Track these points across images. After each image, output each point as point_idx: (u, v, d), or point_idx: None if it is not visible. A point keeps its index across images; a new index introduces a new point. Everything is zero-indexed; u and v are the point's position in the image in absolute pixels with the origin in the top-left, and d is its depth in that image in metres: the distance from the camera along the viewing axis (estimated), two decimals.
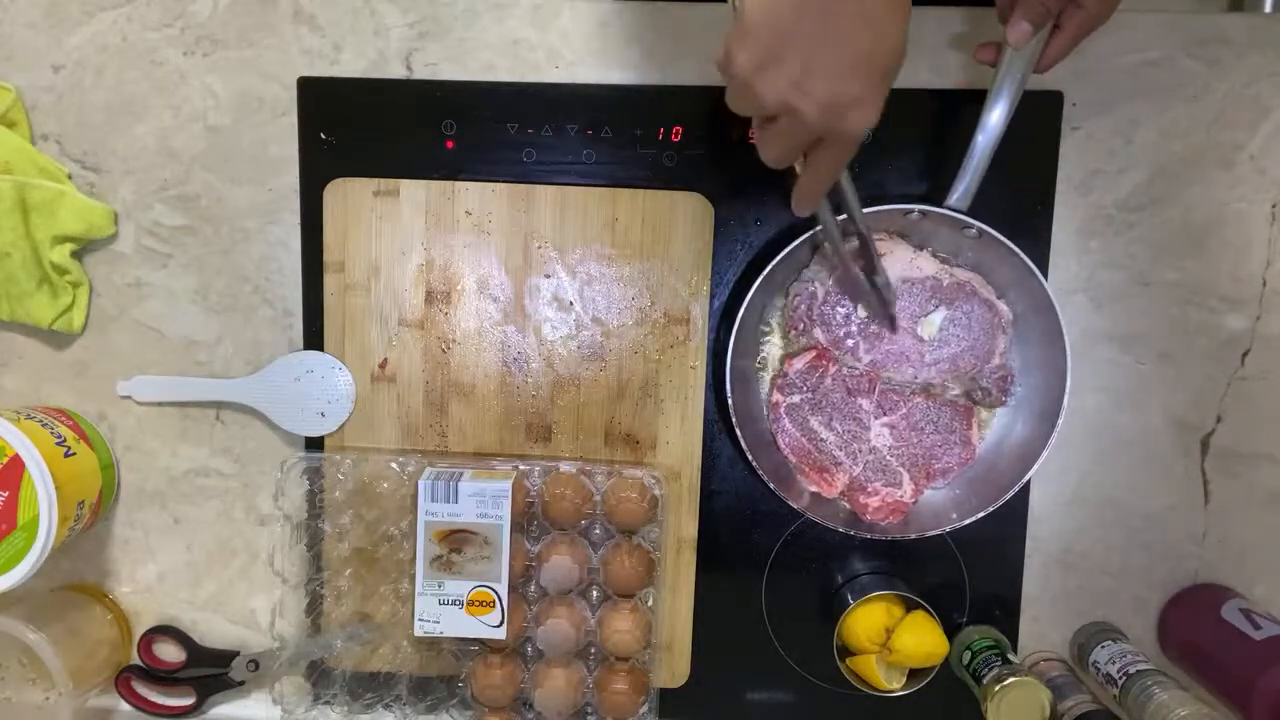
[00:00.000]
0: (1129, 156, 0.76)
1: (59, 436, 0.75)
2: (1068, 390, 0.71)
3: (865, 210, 0.67)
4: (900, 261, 0.74)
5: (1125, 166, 0.76)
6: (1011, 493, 0.72)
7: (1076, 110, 0.76)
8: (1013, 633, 0.80)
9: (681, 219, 0.77)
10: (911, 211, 0.71)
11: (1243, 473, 0.78)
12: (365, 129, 0.78)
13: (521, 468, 0.78)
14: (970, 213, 0.70)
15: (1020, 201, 0.70)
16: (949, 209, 0.70)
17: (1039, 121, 0.76)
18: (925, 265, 0.75)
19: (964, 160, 0.69)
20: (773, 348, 0.78)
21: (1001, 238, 0.70)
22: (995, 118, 0.68)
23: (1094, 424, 0.78)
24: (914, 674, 0.76)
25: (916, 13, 0.73)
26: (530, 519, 0.78)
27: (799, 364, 0.76)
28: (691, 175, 0.77)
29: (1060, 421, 0.71)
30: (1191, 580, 0.79)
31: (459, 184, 0.78)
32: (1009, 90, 0.67)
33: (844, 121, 0.47)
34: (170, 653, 0.83)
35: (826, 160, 0.53)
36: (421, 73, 0.78)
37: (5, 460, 0.70)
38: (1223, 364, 0.78)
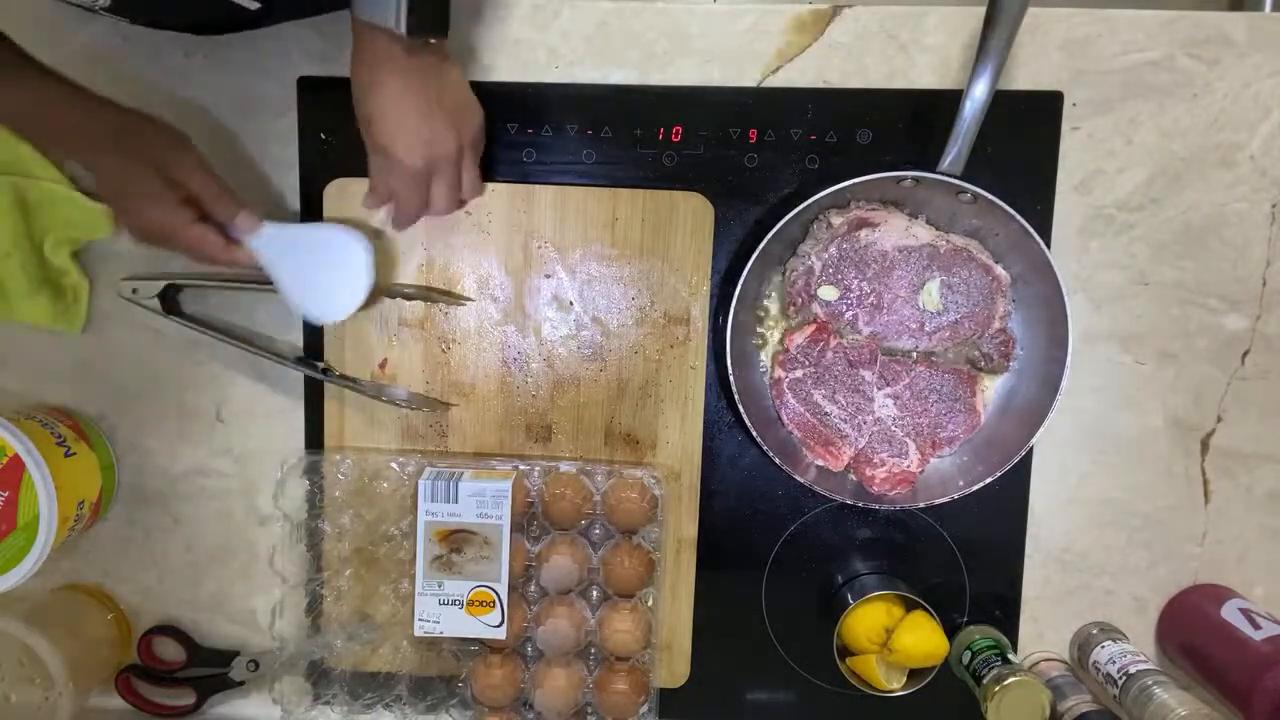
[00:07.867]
0: (1129, 156, 0.76)
1: (59, 436, 0.75)
2: (1070, 350, 0.70)
3: (858, 180, 0.69)
4: (895, 230, 0.74)
5: (1125, 166, 0.76)
6: (1019, 456, 0.72)
7: (1076, 110, 0.76)
8: (1013, 633, 0.80)
9: (681, 219, 0.77)
10: (904, 179, 0.71)
11: (1243, 473, 0.78)
12: None
13: (521, 468, 0.78)
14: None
15: (1020, 201, 0.70)
16: (941, 174, 0.69)
17: (1039, 121, 0.76)
18: (921, 233, 0.75)
19: (954, 126, 0.68)
20: (772, 326, 0.78)
21: (996, 200, 0.70)
22: (982, 82, 0.67)
23: (1094, 423, 0.78)
24: (914, 674, 0.76)
25: (916, 13, 0.73)
26: (530, 519, 0.78)
27: (800, 339, 0.76)
28: (691, 175, 0.77)
29: (1064, 383, 0.70)
30: (1191, 580, 0.79)
31: None
32: (995, 53, 0.66)
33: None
34: (170, 652, 0.83)
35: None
36: None
37: (5, 460, 0.70)
38: (1223, 364, 0.78)
